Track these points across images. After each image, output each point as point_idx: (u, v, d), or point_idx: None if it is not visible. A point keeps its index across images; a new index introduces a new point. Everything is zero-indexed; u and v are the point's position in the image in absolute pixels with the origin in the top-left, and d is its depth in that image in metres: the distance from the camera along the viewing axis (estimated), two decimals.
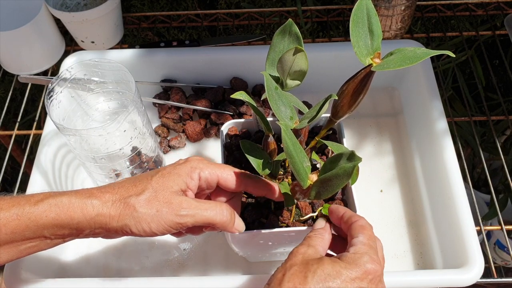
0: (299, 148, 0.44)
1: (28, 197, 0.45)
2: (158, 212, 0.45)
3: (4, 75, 0.90)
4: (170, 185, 0.47)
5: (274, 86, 0.47)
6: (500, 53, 0.86)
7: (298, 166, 0.43)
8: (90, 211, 0.45)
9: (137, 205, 0.45)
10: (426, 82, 0.72)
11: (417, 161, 0.72)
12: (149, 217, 0.45)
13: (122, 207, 0.45)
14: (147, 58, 0.78)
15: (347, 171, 0.40)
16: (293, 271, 0.41)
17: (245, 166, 0.57)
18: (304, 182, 0.44)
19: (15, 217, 0.44)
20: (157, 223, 0.45)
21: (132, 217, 0.45)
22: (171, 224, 0.46)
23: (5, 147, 0.95)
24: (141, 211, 0.45)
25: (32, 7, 0.80)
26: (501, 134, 1.07)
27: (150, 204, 0.46)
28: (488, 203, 1.10)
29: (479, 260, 0.56)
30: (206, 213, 0.46)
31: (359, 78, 0.45)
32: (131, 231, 0.45)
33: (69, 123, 0.61)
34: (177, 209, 0.46)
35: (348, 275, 0.41)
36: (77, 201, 0.45)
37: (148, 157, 0.66)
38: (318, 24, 1.01)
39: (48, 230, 0.45)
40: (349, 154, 0.41)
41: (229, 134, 0.61)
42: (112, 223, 0.45)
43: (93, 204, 0.45)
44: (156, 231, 0.46)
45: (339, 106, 0.47)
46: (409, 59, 0.40)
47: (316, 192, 0.44)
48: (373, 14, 0.44)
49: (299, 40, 0.49)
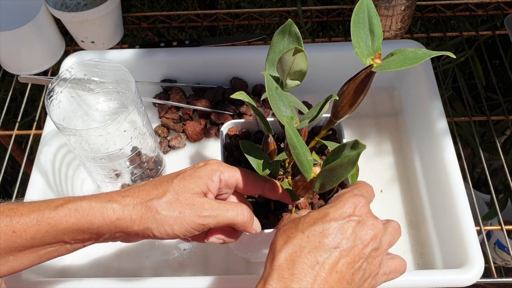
0: (302, 142, 0.44)
1: (47, 202, 0.45)
2: (181, 214, 0.45)
3: (4, 75, 0.90)
4: (192, 187, 0.47)
5: (275, 86, 0.47)
6: (500, 53, 0.86)
7: (302, 158, 0.43)
8: (111, 215, 0.45)
9: (159, 208, 0.45)
10: (426, 82, 0.72)
11: (417, 161, 0.72)
12: (171, 219, 0.45)
13: (143, 210, 0.45)
14: (147, 58, 0.78)
15: (351, 159, 0.40)
16: (284, 228, 0.44)
17: (245, 166, 0.57)
18: (308, 174, 0.44)
19: (35, 222, 0.44)
20: (179, 225, 0.45)
21: (154, 220, 0.45)
22: (193, 225, 0.46)
23: (5, 147, 0.95)
24: (163, 214, 0.45)
25: (32, 7, 0.80)
26: (501, 134, 1.07)
27: (172, 206, 0.45)
28: (488, 203, 1.10)
29: (479, 260, 0.56)
30: (228, 214, 0.47)
31: (359, 78, 0.45)
32: (153, 234, 0.45)
33: (69, 123, 0.61)
34: (200, 210, 0.46)
35: (335, 211, 0.42)
36: (97, 206, 0.45)
37: (148, 157, 0.66)
38: (318, 24, 1.01)
39: (68, 235, 0.45)
40: (353, 142, 0.41)
41: (229, 134, 0.61)
42: (133, 226, 0.45)
43: (114, 208, 0.45)
44: (178, 233, 0.46)
45: (339, 106, 0.47)
46: (410, 60, 0.40)
47: (321, 183, 0.44)
48: (374, 14, 0.44)
49: (299, 40, 0.49)
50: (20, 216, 0.44)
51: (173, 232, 0.45)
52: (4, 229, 0.43)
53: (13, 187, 0.74)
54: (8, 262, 0.45)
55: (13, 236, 0.43)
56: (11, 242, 0.43)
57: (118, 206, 0.45)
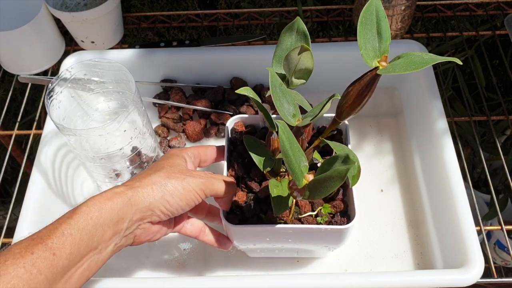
0: (296, 148, 0.44)
1: (61, 217, 0.45)
2: (185, 180, 0.50)
3: (4, 75, 0.90)
4: (178, 163, 0.52)
5: (279, 83, 0.47)
6: (500, 53, 0.86)
7: (294, 166, 0.43)
8: (123, 195, 0.47)
9: (163, 181, 0.49)
10: (426, 82, 0.72)
11: (417, 161, 0.72)
12: (179, 186, 0.49)
13: (150, 183, 0.48)
14: (147, 58, 0.78)
15: (340, 174, 0.40)
16: None
17: (248, 161, 0.58)
18: (299, 182, 0.44)
19: (67, 234, 0.43)
20: (187, 190, 0.49)
21: (165, 188, 0.49)
22: (197, 189, 0.50)
23: (5, 147, 0.95)
24: (171, 181, 0.49)
25: (32, 7, 0.80)
26: (501, 134, 1.07)
27: (174, 176, 0.50)
28: (488, 203, 1.10)
29: (479, 260, 0.56)
30: (217, 176, 0.52)
31: (364, 80, 0.45)
32: (168, 203, 0.49)
33: (69, 123, 0.61)
34: (197, 174, 0.51)
35: None
36: (108, 193, 0.47)
37: (148, 157, 0.66)
38: (318, 24, 1.01)
39: (96, 237, 0.45)
40: (344, 157, 0.41)
41: (234, 129, 0.62)
42: (148, 198, 0.48)
43: (122, 190, 0.47)
44: (186, 200, 0.50)
45: (344, 107, 0.47)
46: (415, 64, 0.40)
47: (310, 192, 0.44)
48: (382, 16, 0.43)
49: (307, 38, 0.49)
50: (48, 237, 0.42)
51: (183, 200, 0.50)
52: (44, 255, 0.41)
53: (13, 187, 0.74)
54: None
55: (54, 259, 0.42)
56: (54, 267, 0.42)
57: (126, 188, 0.48)
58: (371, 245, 0.66)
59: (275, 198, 0.48)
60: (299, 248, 0.58)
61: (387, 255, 0.65)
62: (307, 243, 0.56)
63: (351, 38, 0.89)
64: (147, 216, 0.48)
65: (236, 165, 0.58)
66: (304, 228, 0.52)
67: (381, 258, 0.65)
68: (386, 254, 0.65)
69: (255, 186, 0.56)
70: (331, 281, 0.55)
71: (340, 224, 0.54)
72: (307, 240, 0.55)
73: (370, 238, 0.66)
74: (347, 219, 0.54)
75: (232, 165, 0.58)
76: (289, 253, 0.61)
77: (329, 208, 0.55)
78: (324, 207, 0.55)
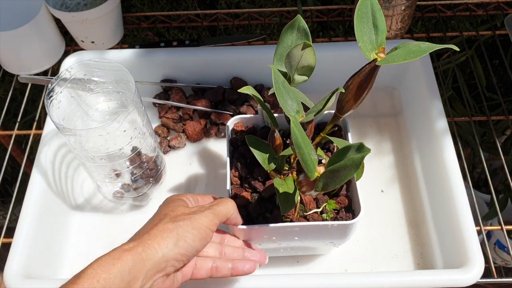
0: (307, 141, 0.44)
1: (66, 284, 0.40)
2: (193, 218, 0.47)
3: (4, 75, 0.90)
4: (179, 204, 0.50)
5: (282, 80, 0.47)
6: (500, 53, 0.86)
7: (306, 157, 0.43)
8: (135, 253, 0.42)
9: (171, 226, 0.46)
10: (426, 82, 0.72)
11: (417, 161, 0.72)
12: (189, 227, 0.46)
13: (159, 233, 0.45)
14: (147, 58, 0.78)
15: (355, 162, 0.40)
16: None
17: (250, 161, 0.58)
18: (311, 174, 0.44)
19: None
20: (198, 228, 0.46)
21: (176, 234, 0.45)
22: (207, 223, 0.47)
23: (5, 147, 0.95)
24: (179, 224, 0.46)
25: (32, 7, 0.80)
26: (501, 134, 1.07)
27: (180, 218, 0.47)
28: (488, 203, 1.10)
29: (479, 260, 0.56)
30: (216, 201, 0.51)
31: (364, 73, 0.45)
32: (184, 249, 0.45)
33: (69, 123, 0.61)
34: (199, 209, 0.48)
35: None
36: (118, 261, 0.42)
37: (148, 157, 0.66)
38: (318, 24, 1.01)
39: None
40: (358, 145, 0.41)
41: (235, 129, 0.62)
42: (161, 249, 0.44)
43: (134, 248, 0.43)
44: (199, 240, 0.46)
45: (344, 101, 0.47)
46: (414, 53, 0.40)
47: (324, 183, 0.44)
48: (377, 9, 0.44)
49: (308, 36, 0.49)
50: None
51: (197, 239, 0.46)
52: None
53: (13, 187, 0.74)
54: None
55: None
56: None
57: (135, 243, 0.44)
58: (371, 245, 0.66)
59: (282, 196, 0.48)
60: (304, 245, 0.58)
61: (387, 255, 0.65)
62: (313, 240, 0.56)
63: (351, 38, 0.89)
64: (162, 268, 0.44)
65: (239, 166, 0.58)
66: (311, 225, 0.52)
67: (381, 258, 0.65)
68: (386, 254, 0.65)
69: (259, 186, 0.56)
70: (331, 281, 0.55)
71: (346, 219, 0.54)
72: (313, 237, 0.55)
73: (370, 238, 0.66)
74: (352, 214, 0.54)
75: (234, 165, 0.58)
76: (294, 251, 0.61)
77: (334, 204, 0.55)
78: (329, 204, 0.55)
